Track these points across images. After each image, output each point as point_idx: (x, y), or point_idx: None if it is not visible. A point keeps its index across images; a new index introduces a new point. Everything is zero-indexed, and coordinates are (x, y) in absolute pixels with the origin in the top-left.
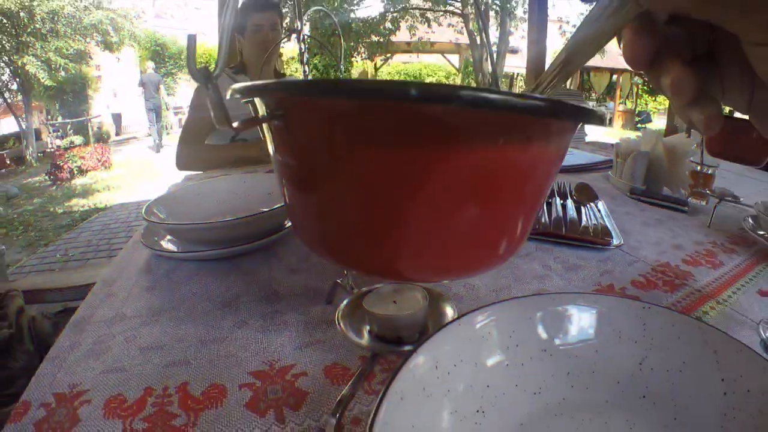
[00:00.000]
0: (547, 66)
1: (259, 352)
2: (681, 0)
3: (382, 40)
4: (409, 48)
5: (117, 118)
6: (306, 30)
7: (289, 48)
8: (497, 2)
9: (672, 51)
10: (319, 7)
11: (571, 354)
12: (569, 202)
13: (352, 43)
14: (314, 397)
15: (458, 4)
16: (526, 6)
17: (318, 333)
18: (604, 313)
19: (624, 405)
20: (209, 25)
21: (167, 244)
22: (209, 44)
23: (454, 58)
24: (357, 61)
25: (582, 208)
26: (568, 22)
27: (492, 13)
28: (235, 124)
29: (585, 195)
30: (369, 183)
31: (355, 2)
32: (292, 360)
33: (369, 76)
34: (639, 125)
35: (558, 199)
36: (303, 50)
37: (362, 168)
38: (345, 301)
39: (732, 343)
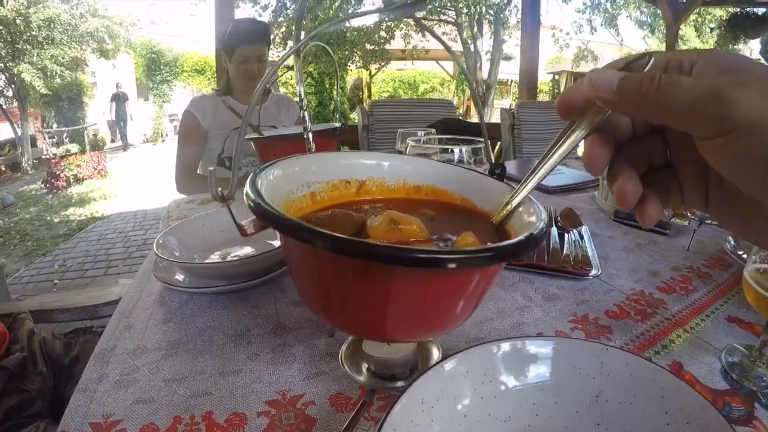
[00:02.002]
0: (540, 72)
1: (272, 382)
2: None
3: (376, 48)
4: (403, 55)
5: (112, 125)
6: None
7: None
8: (491, 12)
9: (625, 163)
10: (320, 43)
11: (537, 387)
12: (554, 230)
13: (347, 52)
14: (322, 423)
15: (452, 14)
16: (519, 15)
17: (323, 365)
18: (567, 352)
19: (583, 427)
20: (204, 33)
21: (179, 277)
22: (204, 52)
23: (448, 65)
24: (352, 69)
25: (566, 234)
26: (561, 30)
27: (486, 23)
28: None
29: (569, 221)
30: (364, 294)
31: (350, 11)
32: (301, 390)
33: (364, 84)
34: None
35: None
36: (302, 96)
37: (359, 285)
38: (347, 343)
39: (676, 382)
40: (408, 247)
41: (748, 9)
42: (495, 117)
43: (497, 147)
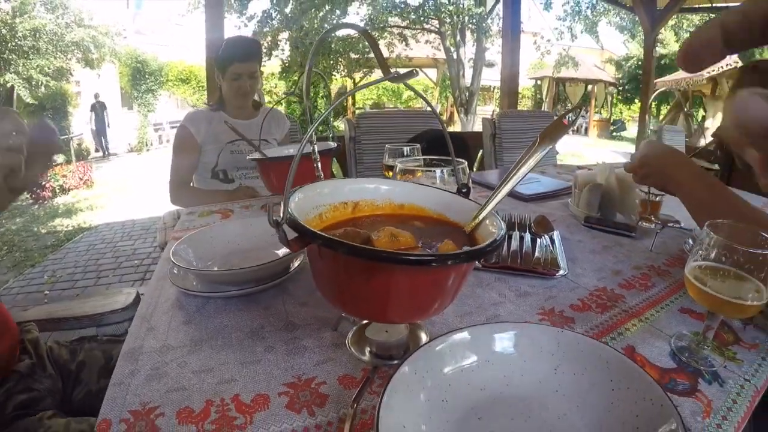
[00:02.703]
0: (522, 77)
1: (288, 369)
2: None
3: (360, 57)
4: (387, 63)
5: (96, 135)
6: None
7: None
8: (474, 20)
9: None
10: (318, 71)
11: (506, 362)
12: (527, 235)
13: (331, 61)
14: (333, 398)
15: (435, 23)
16: (500, 23)
17: (330, 353)
18: (531, 335)
19: (543, 397)
20: (190, 42)
21: (194, 283)
22: (189, 61)
23: (432, 72)
24: (337, 78)
25: (538, 239)
26: (542, 37)
27: (468, 31)
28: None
29: (542, 227)
30: (373, 286)
31: (334, 22)
32: (313, 374)
33: (347, 92)
34: (614, 133)
35: (518, 232)
36: (311, 117)
37: (371, 280)
38: (352, 331)
39: (619, 356)
40: (405, 252)
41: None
42: (478, 123)
43: (479, 155)
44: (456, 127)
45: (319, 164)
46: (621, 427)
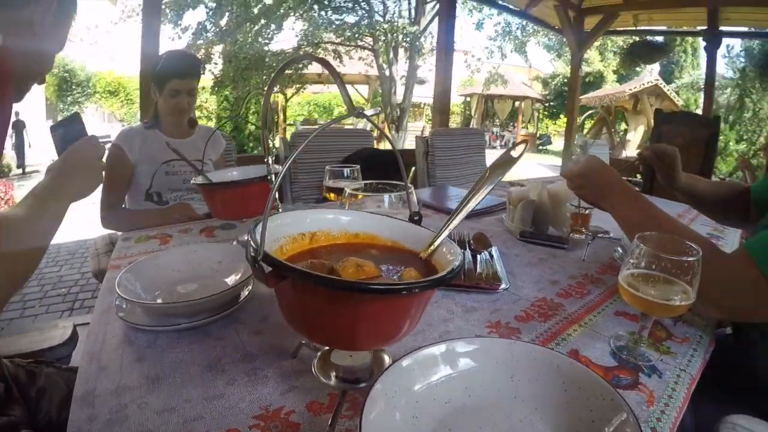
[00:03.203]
0: (452, 94)
1: (253, 401)
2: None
3: (293, 73)
4: (320, 79)
5: (17, 153)
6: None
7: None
8: (407, 39)
9: None
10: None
11: (466, 375)
12: (467, 251)
13: (264, 77)
14: (305, 426)
15: (369, 40)
16: (433, 42)
17: (293, 380)
18: (486, 348)
19: (503, 404)
20: (121, 51)
21: (142, 317)
22: (119, 72)
23: (363, 89)
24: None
25: (478, 255)
26: (473, 55)
27: (401, 49)
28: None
29: (481, 243)
30: (343, 315)
31: (268, 36)
32: (280, 403)
33: (280, 107)
34: (540, 147)
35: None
36: (267, 147)
37: (344, 311)
38: (317, 357)
39: (567, 360)
40: (376, 282)
41: (646, 38)
42: (409, 139)
43: (412, 172)
44: (387, 144)
45: (276, 194)
46: (578, 423)
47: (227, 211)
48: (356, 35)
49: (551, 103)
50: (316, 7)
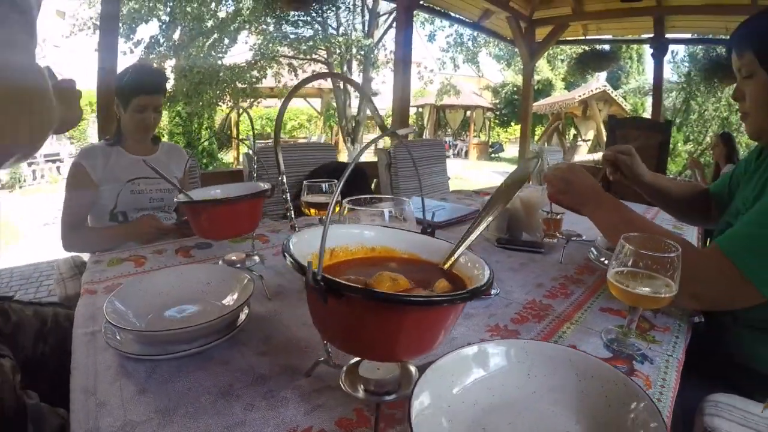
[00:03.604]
0: (411, 105)
1: (279, 424)
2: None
3: (247, 87)
4: (273, 93)
5: None
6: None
7: None
8: (362, 52)
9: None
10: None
11: (488, 376)
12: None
13: (218, 91)
14: None
15: (323, 53)
16: (387, 54)
17: (314, 399)
18: (503, 350)
19: (524, 399)
20: (69, 65)
21: (135, 345)
22: None
23: (316, 102)
24: (223, 108)
25: None
26: (426, 67)
27: (355, 62)
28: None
29: None
30: (384, 327)
31: (222, 50)
32: (307, 423)
33: (232, 123)
34: (492, 155)
35: None
36: (281, 165)
37: (384, 322)
38: (343, 373)
39: (578, 353)
40: (421, 295)
41: (594, 47)
42: (366, 152)
43: (374, 184)
44: (343, 157)
45: (293, 213)
46: (595, 408)
47: (214, 229)
48: (311, 48)
49: (502, 112)
50: (271, 20)
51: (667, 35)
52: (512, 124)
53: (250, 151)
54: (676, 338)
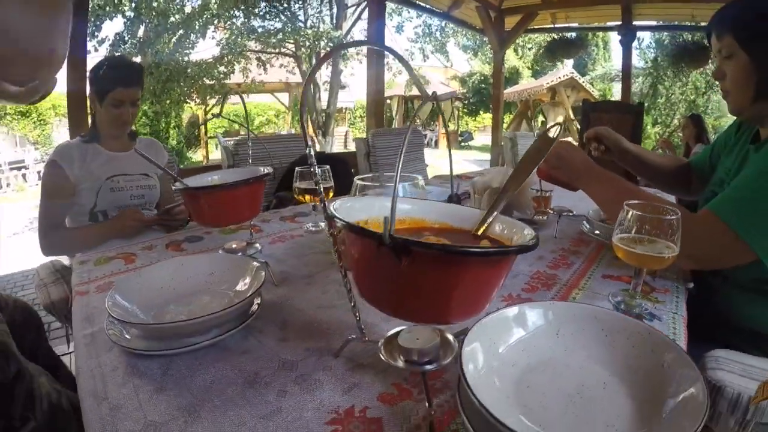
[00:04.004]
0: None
1: (318, 407)
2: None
3: (216, 83)
4: (239, 89)
5: None
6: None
7: None
8: (331, 44)
9: None
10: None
11: (521, 338)
12: None
13: (186, 89)
14: (387, 417)
15: (291, 46)
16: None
17: (349, 378)
18: (533, 312)
19: (558, 357)
20: None
21: (144, 342)
22: None
23: (284, 97)
24: (191, 106)
25: None
26: (394, 58)
27: (324, 53)
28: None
29: None
30: (446, 285)
31: (189, 46)
32: (348, 403)
33: (201, 120)
34: (462, 144)
35: None
36: (309, 147)
37: (447, 278)
38: (381, 344)
39: (602, 310)
40: (491, 246)
41: (562, 35)
42: (336, 144)
43: (353, 172)
44: (316, 149)
45: (322, 186)
46: (626, 359)
47: (216, 216)
48: (280, 42)
49: (470, 101)
50: (239, 13)
51: (635, 22)
52: (480, 112)
53: (229, 144)
54: (677, 298)
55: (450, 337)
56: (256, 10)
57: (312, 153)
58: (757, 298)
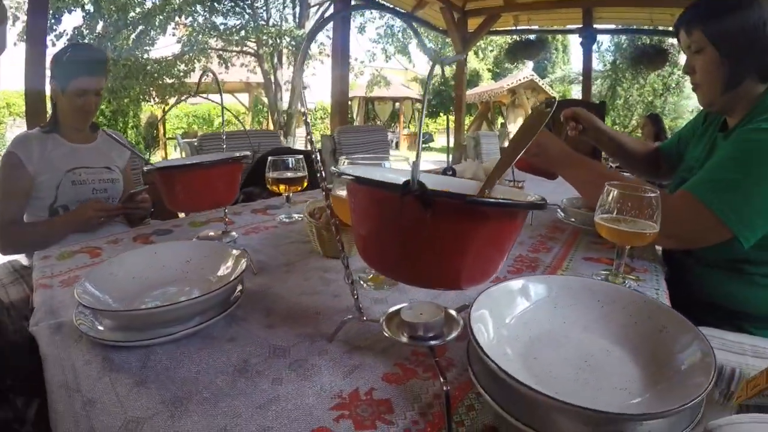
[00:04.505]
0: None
1: (319, 392)
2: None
3: (176, 81)
4: (201, 88)
5: None
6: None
7: None
8: (293, 43)
9: None
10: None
11: (522, 312)
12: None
13: (145, 86)
14: (396, 397)
15: (253, 45)
16: (319, 45)
17: (348, 361)
18: (528, 286)
19: (558, 329)
20: None
21: (117, 334)
22: None
23: (244, 97)
24: (151, 106)
25: None
26: (356, 59)
27: (285, 54)
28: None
29: None
30: (452, 238)
31: (149, 42)
32: (351, 386)
33: (159, 119)
34: (423, 145)
35: None
36: (309, 127)
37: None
38: (384, 321)
39: (597, 282)
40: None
41: (523, 36)
42: (298, 144)
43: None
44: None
45: (321, 164)
46: (624, 327)
47: (190, 200)
48: (242, 39)
49: (431, 103)
50: (201, 9)
51: (595, 25)
52: (441, 114)
53: (193, 142)
54: (656, 276)
55: (454, 313)
56: (219, 6)
57: (312, 138)
58: (733, 276)
